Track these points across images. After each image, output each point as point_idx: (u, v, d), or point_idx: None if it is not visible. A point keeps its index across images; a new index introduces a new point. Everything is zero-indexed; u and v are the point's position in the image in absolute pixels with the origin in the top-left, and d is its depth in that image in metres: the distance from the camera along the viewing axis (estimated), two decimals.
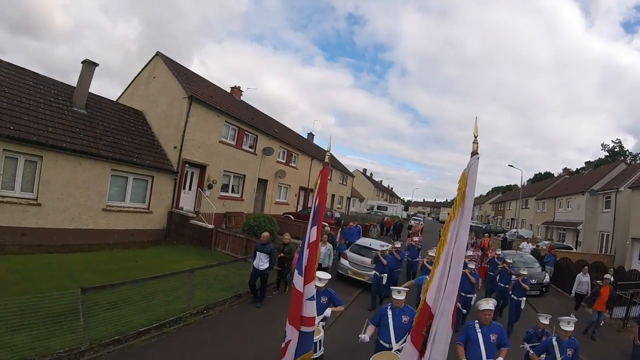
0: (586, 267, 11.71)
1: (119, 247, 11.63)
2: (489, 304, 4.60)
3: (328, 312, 5.15)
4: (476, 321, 4.69)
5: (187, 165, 14.84)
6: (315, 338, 4.55)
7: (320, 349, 4.80)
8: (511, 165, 46.40)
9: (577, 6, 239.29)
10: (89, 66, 13.09)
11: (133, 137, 13.66)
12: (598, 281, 9.77)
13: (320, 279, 5.15)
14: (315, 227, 3.95)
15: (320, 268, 7.37)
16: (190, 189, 15.53)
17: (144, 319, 6.24)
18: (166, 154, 14.34)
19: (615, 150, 51.36)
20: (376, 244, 11.88)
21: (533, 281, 11.53)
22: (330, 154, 4.52)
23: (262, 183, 20.93)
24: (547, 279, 13.53)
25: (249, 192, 19.57)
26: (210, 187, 15.83)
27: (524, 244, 19.02)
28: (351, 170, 48.62)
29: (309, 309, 3.87)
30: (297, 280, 3.89)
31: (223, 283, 8.76)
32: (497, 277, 9.74)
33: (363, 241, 12.90)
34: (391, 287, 5.22)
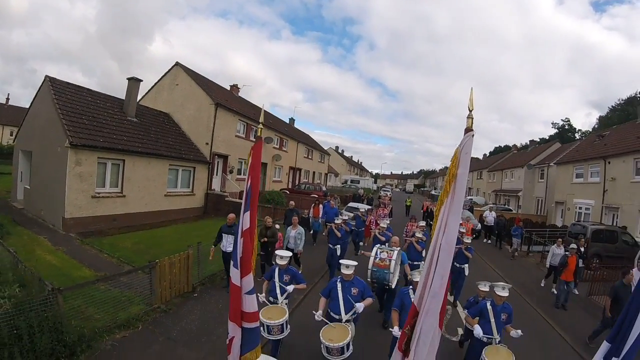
0: (560, 239, 11.30)
1: (178, 222, 15.44)
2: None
3: (290, 288, 5.20)
4: (410, 287, 4.84)
5: (216, 156, 18.76)
6: (280, 320, 4.71)
7: (287, 328, 4.83)
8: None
9: None
10: (134, 82, 16.23)
11: (174, 137, 17.26)
12: (566, 252, 9.77)
13: (281, 257, 5.28)
14: (248, 213, 3.45)
15: (293, 254, 8.10)
16: (217, 174, 19.45)
17: None
18: (199, 148, 18.08)
19: (566, 127, 58.58)
20: (362, 206, 17.33)
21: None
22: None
23: (263, 166, 24.94)
24: (478, 227, 18.38)
25: None
26: (231, 172, 19.90)
27: (487, 212, 19.46)
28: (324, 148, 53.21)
29: (250, 303, 3.52)
30: (234, 274, 3.50)
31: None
32: None
33: (352, 204, 18.74)
34: (340, 261, 5.24)
